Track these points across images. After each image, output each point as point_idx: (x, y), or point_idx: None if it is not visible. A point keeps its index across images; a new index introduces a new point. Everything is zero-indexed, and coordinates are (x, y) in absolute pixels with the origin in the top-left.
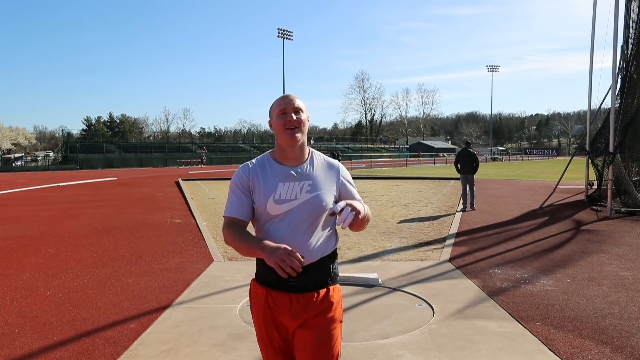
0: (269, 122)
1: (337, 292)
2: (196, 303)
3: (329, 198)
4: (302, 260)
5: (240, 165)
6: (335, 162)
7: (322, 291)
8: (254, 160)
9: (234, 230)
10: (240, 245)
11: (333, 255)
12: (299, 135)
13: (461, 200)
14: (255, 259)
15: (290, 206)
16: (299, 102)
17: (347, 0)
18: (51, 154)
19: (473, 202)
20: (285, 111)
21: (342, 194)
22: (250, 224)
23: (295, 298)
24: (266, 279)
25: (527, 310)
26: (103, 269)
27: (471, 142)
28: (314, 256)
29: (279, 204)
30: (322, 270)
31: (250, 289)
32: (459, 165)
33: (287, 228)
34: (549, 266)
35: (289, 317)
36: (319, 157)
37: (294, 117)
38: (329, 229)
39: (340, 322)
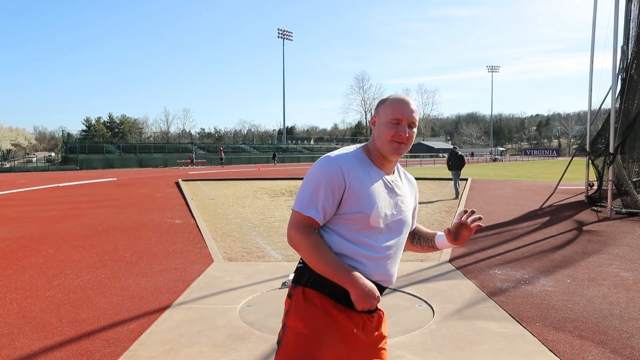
0: (373, 118)
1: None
2: (196, 304)
3: (412, 219)
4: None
5: (332, 155)
6: (413, 178)
7: (379, 312)
8: (349, 154)
9: (317, 243)
10: (324, 265)
11: None
12: (403, 152)
13: (454, 190)
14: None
15: (389, 220)
16: (416, 114)
17: (346, 1)
18: (34, 158)
19: (456, 190)
20: (400, 121)
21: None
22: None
23: (368, 319)
24: (339, 293)
25: (528, 311)
26: (103, 270)
27: (459, 145)
28: (395, 278)
29: (381, 216)
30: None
31: (303, 296)
32: (450, 163)
33: (387, 246)
34: (549, 267)
35: (360, 336)
36: (402, 170)
37: (407, 132)
38: None
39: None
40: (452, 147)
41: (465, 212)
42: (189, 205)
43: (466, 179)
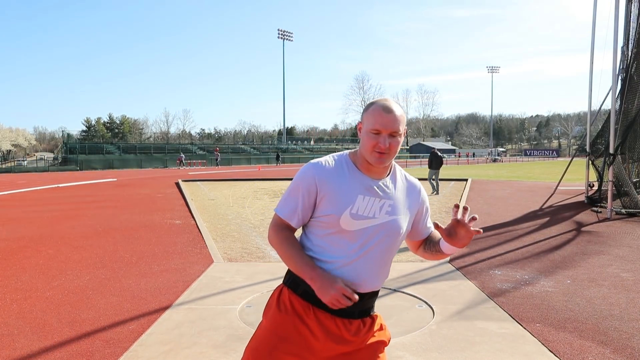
0: (359, 123)
1: (381, 318)
2: (196, 304)
3: (405, 224)
4: (356, 299)
5: (311, 161)
6: (418, 183)
7: (368, 320)
8: (330, 159)
9: (286, 239)
10: (289, 260)
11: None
12: (387, 161)
13: (436, 186)
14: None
15: (366, 225)
16: (398, 124)
17: (346, 2)
18: (25, 162)
19: (438, 188)
20: (379, 132)
21: (418, 221)
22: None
23: (342, 323)
24: (310, 294)
25: (528, 312)
26: (103, 270)
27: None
28: (376, 286)
29: (355, 219)
30: (372, 299)
31: (278, 296)
32: (431, 162)
33: (359, 250)
34: (549, 267)
35: (327, 339)
36: (401, 174)
37: (387, 143)
38: (393, 258)
39: (387, 345)
40: (432, 148)
41: (457, 207)
42: (189, 206)
43: (466, 180)
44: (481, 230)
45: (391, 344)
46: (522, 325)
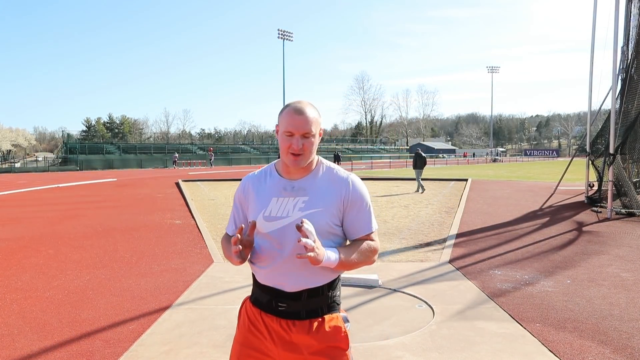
0: (276, 126)
1: (336, 320)
2: (196, 304)
3: (325, 218)
4: (238, 237)
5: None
6: (347, 176)
7: (316, 321)
8: (258, 170)
9: (223, 241)
10: (225, 256)
11: (333, 283)
12: (303, 162)
13: (418, 186)
14: (252, 276)
15: (280, 225)
16: (310, 125)
17: (346, 2)
18: (18, 164)
19: (420, 186)
20: (292, 134)
21: (347, 218)
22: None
23: (286, 324)
24: (257, 300)
25: (527, 312)
26: (103, 270)
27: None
28: (307, 284)
29: (268, 221)
30: (318, 298)
31: (241, 305)
32: (416, 162)
33: (277, 250)
34: (549, 267)
35: (279, 344)
36: (326, 170)
37: (300, 144)
38: None
39: (346, 350)
40: (417, 149)
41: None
42: (189, 206)
43: (466, 180)
44: (308, 256)
45: (391, 343)
46: (522, 325)
